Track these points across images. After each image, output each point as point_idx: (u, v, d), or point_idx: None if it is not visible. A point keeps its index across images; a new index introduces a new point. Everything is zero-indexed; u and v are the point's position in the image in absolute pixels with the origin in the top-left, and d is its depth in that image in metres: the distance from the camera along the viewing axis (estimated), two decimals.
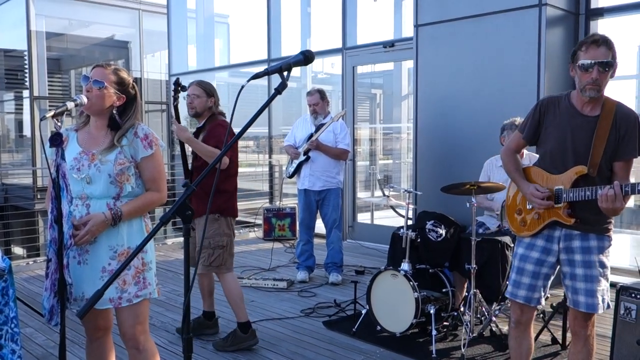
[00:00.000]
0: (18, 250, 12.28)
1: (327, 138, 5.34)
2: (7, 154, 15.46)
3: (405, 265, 3.89)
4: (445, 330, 3.99)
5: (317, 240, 5.84)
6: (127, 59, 14.79)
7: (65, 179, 2.27)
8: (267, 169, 9.09)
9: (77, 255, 2.42)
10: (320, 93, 5.44)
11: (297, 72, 7.88)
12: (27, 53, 13.06)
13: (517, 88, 5.01)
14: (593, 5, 5.28)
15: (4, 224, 8.84)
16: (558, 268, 2.73)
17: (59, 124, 2.23)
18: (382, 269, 3.99)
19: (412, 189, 4.49)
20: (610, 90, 2.61)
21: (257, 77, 1.74)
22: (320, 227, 5.79)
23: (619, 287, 3.23)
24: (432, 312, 3.76)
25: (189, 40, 10.86)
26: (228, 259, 3.78)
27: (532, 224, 2.71)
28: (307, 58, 1.70)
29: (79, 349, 3.76)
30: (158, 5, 13.64)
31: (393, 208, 5.53)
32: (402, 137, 8.87)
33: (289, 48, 8.69)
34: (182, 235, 1.79)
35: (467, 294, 3.93)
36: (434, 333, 3.70)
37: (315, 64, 8.97)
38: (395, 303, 3.85)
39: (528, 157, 4.14)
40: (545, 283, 2.73)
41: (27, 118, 13.94)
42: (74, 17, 13.98)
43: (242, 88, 1.74)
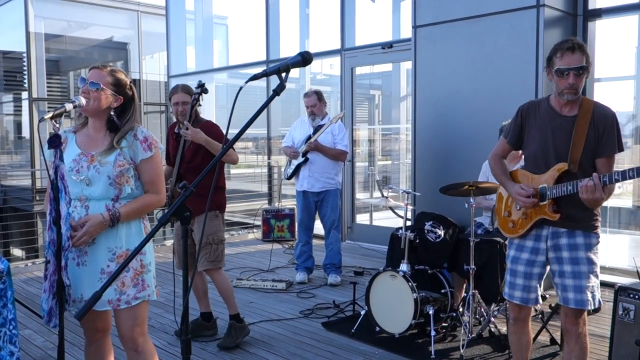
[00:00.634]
0: (17, 252, 12.27)
1: (325, 139, 5.34)
2: (6, 156, 15.46)
3: (404, 266, 3.90)
4: (444, 331, 3.99)
5: (315, 241, 5.85)
6: (125, 61, 14.78)
7: (64, 181, 2.27)
8: (265, 170, 9.08)
9: (75, 257, 2.42)
10: (318, 94, 5.44)
11: (295, 73, 7.87)
12: (25, 55, 13.05)
13: (515, 89, 5.01)
14: (591, 6, 5.27)
15: (3, 226, 8.82)
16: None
17: (57, 126, 2.23)
18: (380, 270, 3.99)
19: (410, 190, 4.49)
20: (609, 91, 2.64)
21: (255, 78, 1.74)
22: (319, 228, 5.79)
23: (618, 287, 3.24)
24: (431, 312, 3.77)
25: (188, 42, 10.86)
26: (224, 254, 3.93)
27: (520, 224, 2.78)
28: (305, 59, 1.70)
29: (78, 351, 3.76)
30: (157, 7, 13.64)
31: (392, 209, 5.54)
32: (400, 138, 8.87)
33: (288, 49, 8.69)
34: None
35: (465, 295, 3.93)
36: (433, 334, 3.70)
37: (314, 65, 9.00)
38: (394, 304, 3.86)
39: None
40: (540, 282, 2.80)
41: (25, 120, 13.92)
42: (73, 18, 13.97)
43: (240, 89, 1.74)
